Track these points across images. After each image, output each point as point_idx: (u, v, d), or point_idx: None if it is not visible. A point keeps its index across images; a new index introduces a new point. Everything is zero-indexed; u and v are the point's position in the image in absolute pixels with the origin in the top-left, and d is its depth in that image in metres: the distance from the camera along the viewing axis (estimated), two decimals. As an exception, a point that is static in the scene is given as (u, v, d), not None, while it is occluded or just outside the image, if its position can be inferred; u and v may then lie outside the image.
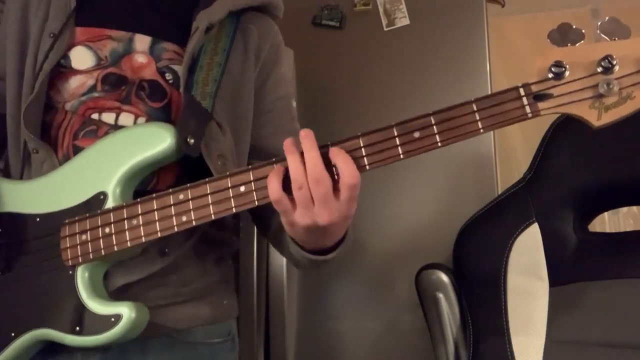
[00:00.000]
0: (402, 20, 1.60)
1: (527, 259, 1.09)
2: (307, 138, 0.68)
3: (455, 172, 1.52)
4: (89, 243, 0.76)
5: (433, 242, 1.43)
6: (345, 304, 1.55)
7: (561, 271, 1.06)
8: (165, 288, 0.82)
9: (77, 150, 0.82)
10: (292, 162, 0.67)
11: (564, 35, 0.68)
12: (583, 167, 1.09)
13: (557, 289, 1.06)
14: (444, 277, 1.16)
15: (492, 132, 1.50)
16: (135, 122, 0.83)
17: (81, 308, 0.75)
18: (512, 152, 2.06)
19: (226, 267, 0.94)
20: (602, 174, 1.07)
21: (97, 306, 0.74)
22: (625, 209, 2.13)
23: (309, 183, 0.66)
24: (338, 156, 0.67)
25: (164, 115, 0.84)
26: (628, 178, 1.06)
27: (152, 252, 0.81)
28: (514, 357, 1.03)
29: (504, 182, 1.42)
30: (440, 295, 1.15)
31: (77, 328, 0.74)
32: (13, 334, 0.77)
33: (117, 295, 0.79)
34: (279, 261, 1.52)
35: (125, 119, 0.83)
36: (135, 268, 0.80)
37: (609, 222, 2.12)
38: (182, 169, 0.83)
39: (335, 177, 0.68)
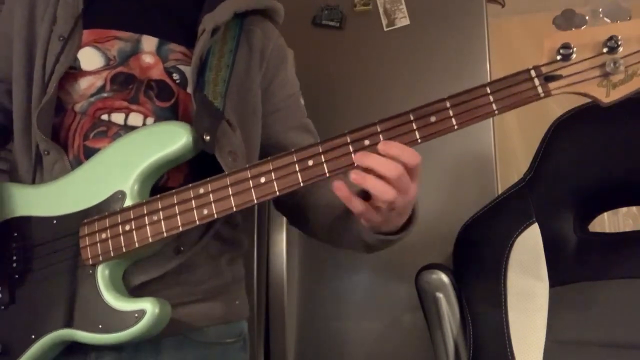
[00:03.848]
0: (402, 20, 1.60)
1: (527, 259, 1.09)
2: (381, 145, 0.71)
3: (455, 172, 1.52)
4: (109, 240, 0.76)
5: (433, 242, 1.43)
6: (345, 304, 1.55)
7: (561, 271, 1.06)
8: (180, 287, 0.83)
9: (87, 151, 0.83)
10: (379, 160, 0.69)
11: (568, 20, 0.70)
12: (583, 167, 1.09)
13: (557, 289, 1.06)
14: (444, 277, 1.16)
15: (492, 133, 1.51)
16: (144, 122, 0.84)
17: (103, 306, 0.75)
18: (512, 152, 2.06)
19: (238, 268, 0.95)
20: (602, 174, 1.07)
21: (120, 303, 0.74)
22: (624, 209, 2.13)
23: (407, 165, 0.69)
24: (390, 145, 0.70)
25: (171, 114, 0.85)
26: (628, 178, 1.06)
27: (167, 250, 0.81)
28: (514, 357, 1.03)
29: (504, 182, 1.42)
30: (440, 295, 1.15)
31: (100, 326, 0.74)
32: (33, 336, 0.76)
33: (133, 294, 0.79)
34: (279, 261, 1.52)
35: (135, 119, 0.83)
36: (151, 266, 0.80)
37: (608, 222, 2.13)
38: (191, 166, 0.84)
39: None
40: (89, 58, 0.85)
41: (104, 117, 0.83)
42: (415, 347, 1.46)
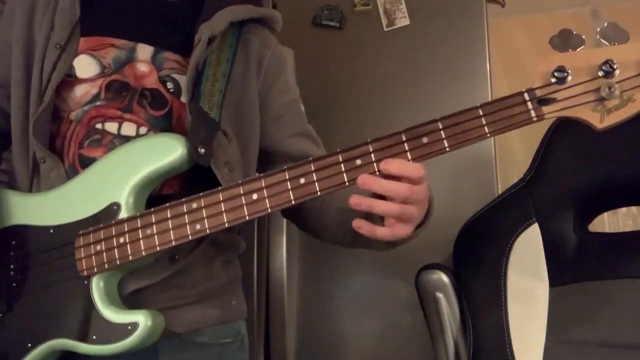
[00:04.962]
0: (402, 20, 1.60)
1: (527, 259, 1.09)
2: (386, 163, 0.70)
3: (455, 172, 1.52)
4: (104, 253, 0.76)
5: (433, 242, 1.42)
6: (345, 304, 1.55)
7: (561, 271, 1.06)
8: (175, 290, 0.83)
9: (82, 159, 0.83)
10: (386, 184, 0.69)
11: (564, 41, 0.69)
12: (583, 167, 1.09)
13: (557, 289, 1.06)
14: (444, 277, 1.16)
15: (492, 132, 1.50)
16: (137, 131, 0.84)
17: (97, 317, 0.75)
18: (512, 152, 2.06)
19: (234, 269, 0.95)
20: (602, 174, 1.07)
21: (113, 315, 0.75)
22: (624, 210, 2.13)
23: (413, 180, 0.70)
24: (392, 164, 0.70)
25: (165, 123, 0.85)
26: (628, 178, 1.06)
27: (162, 259, 0.81)
28: (514, 357, 1.03)
29: (504, 182, 1.42)
30: (440, 295, 1.15)
31: (94, 337, 0.75)
32: (29, 345, 0.77)
33: (127, 299, 0.80)
34: (279, 261, 1.52)
35: (128, 128, 0.84)
36: (146, 274, 0.81)
37: (608, 222, 2.13)
38: (186, 175, 0.84)
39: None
40: (84, 66, 0.85)
41: (98, 125, 0.83)
42: (415, 347, 1.46)
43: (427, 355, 1.26)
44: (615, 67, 0.66)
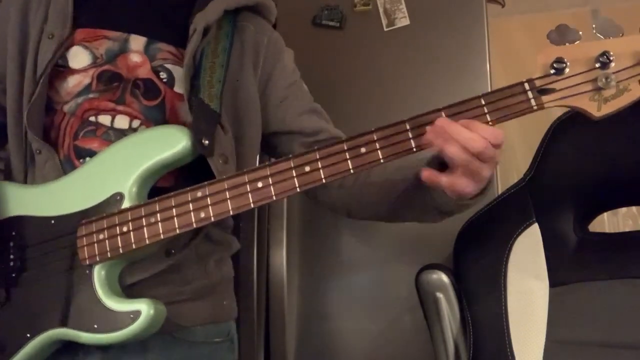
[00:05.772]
0: (402, 20, 1.60)
1: (527, 259, 1.09)
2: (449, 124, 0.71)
3: (455, 172, 1.51)
4: (107, 241, 0.77)
5: (433, 242, 1.43)
6: (346, 304, 1.55)
7: (561, 271, 1.06)
8: (168, 286, 0.83)
9: (77, 150, 0.83)
10: (461, 129, 0.69)
11: (562, 35, 0.73)
12: (583, 167, 1.09)
13: (557, 289, 1.06)
14: (444, 277, 1.16)
15: (492, 132, 1.51)
16: (130, 124, 0.84)
17: (99, 306, 0.75)
18: (511, 152, 2.06)
19: (227, 269, 0.95)
20: (602, 174, 1.07)
21: (115, 304, 0.75)
22: (624, 210, 2.13)
23: (492, 143, 0.71)
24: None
25: (158, 113, 0.86)
26: (628, 178, 1.06)
27: (157, 252, 0.82)
28: (514, 357, 1.03)
29: (504, 182, 1.42)
30: (440, 295, 1.15)
31: (96, 326, 0.75)
32: (28, 335, 0.77)
33: (123, 293, 0.79)
34: (279, 261, 1.52)
35: (121, 121, 0.84)
36: (141, 268, 0.81)
37: (608, 222, 2.13)
38: (181, 169, 0.84)
39: None
40: (77, 56, 0.86)
41: (92, 118, 0.84)
42: (415, 347, 1.46)
43: (427, 355, 1.26)
44: (611, 58, 0.69)
